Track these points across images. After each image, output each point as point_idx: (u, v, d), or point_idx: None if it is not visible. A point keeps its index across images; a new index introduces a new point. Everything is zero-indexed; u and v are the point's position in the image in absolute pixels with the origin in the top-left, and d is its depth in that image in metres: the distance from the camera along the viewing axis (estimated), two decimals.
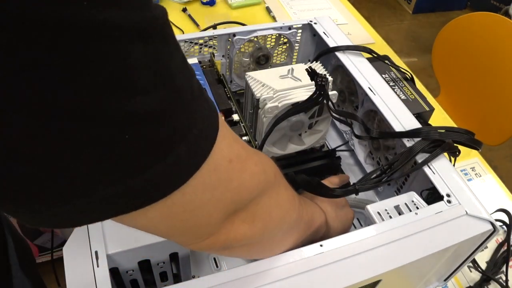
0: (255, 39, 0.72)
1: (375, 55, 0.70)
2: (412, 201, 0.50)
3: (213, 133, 0.26)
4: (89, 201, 0.22)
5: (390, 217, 0.48)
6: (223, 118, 0.34)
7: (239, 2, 1.14)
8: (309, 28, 0.75)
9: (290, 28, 0.73)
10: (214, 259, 0.59)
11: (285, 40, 0.75)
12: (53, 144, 0.19)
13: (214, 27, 1.04)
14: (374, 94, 0.61)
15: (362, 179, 0.55)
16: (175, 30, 1.03)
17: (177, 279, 0.50)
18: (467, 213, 0.48)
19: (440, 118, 0.90)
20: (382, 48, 1.07)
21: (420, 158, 0.53)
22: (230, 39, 0.70)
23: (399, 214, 0.49)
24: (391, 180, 0.55)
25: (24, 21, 0.16)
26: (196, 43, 0.69)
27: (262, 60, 0.75)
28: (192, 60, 0.67)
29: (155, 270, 0.46)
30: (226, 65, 0.74)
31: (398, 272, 0.44)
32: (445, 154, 0.54)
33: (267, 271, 0.40)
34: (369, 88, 0.62)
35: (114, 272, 0.43)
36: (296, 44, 0.76)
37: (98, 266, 0.39)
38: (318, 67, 0.63)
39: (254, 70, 0.73)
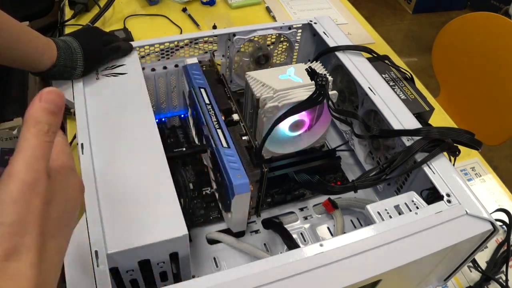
0: (255, 39, 0.72)
1: (375, 55, 0.70)
2: (412, 201, 0.50)
3: None
4: None
5: (390, 217, 0.48)
6: None
7: (239, 2, 1.14)
8: (309, 28, 0.75)
9: (290, 28, 0.73)
10: (214, 259, 0.59)
11: (285, 39, 0.75)
12: None
13: (214, 27, 1.04)
14: (374, 94, 0.61)
15: (361, 177, 0.55)
16: (175, 30, 1.03)
17: (177, 279, 0.50)
18: (467, 213, 0.48)
19: (440, 118, 0.90)
20: (382, 48, 1.07)
21: (419, 157, 0.53)
22: (230, 39, 0.70)
23: (399, 214, 0.49)
24: (390, 179, 0.55)
25: None
26: (196, 43, 0.69)
27: (262, 60, 0.75)
28: (192, 60, 0.67)
29: (155, 270, 0.46)
30: (226, 65, 0.74)
31: (398, 272, 0.44)
32: (445, 154, 0.54)
33: (267, 271, 0.41)
34: (369, 88, 0.62)
35: (114, 272, 0.43)
36: (296, 44, 0.76)
37: (98, 266, 0.39)
38: (318, 67, 0.63)
39: (254, 70, 0.73)
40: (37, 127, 0.26)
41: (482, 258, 0.66)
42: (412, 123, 0.57)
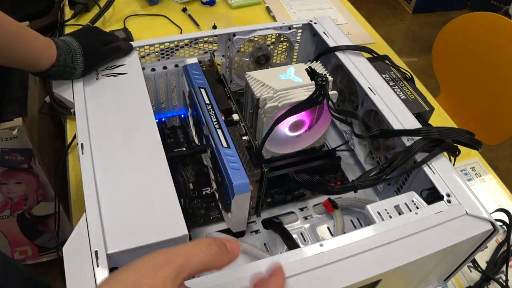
0: (255, 39, 0.72)
1: (375, 55, 0.70)
2: (412, 201, 0.50)
3: None
4: None
5: (390, 217, 0.48)
6: None
7: (239, 2, 1.14)
8: (309, 28, 0.75)
9: (290, 28, 0.73)
10: None
11: (285, 39, 0.75)
12: None
13: (214, 27, 1.04)
14: (374, 94, 0.61)
15: (361, 177, 0.55)
16: (175, 30, 1.03)
17: None
18: (467, 213, 0.48)
19: (440, 118, 0.90)
20: (382, 48, 1.07)
21: (419, 157, 0.53)
22: (230, 39, 0.70)
23: (399, 214, 0.49)
24: (390, 179, 0.55)
25: None
26: (196, 43, 0.69)
27: (262, 60, 0.75)
28: (192, 60, 0.67)
29: None
30: (226, 65, 0.74)
31: (398, 272, 0.44)
32: (445, 154, 0.54)
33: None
34: (369, 88, 0.62)
35: None
36: (296, 44, 0.76)
37: (98, 266, 0.39)
38: (318, 67, 0.63)
39: (254, 70, 0.73)
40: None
41: (482, 258, 0.66)
42: (412, 123, 0.57)
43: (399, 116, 0.58)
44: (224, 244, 0.31)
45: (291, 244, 0.59)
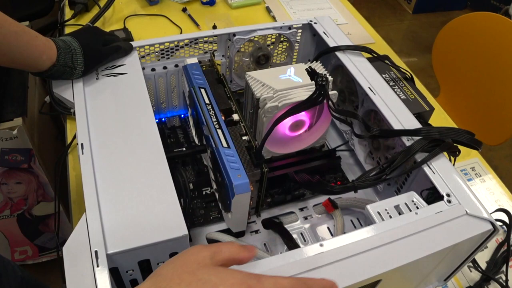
0: (255, 39, 0.72)
1: (375, 55, 0.70)
2: (412, 201, 0.50)
3: None
4: None
5: (390, 217, 0.48)
6: None
7: (239, 2, 1.14)
8: (309, 28, 0.75)
9: (290, 28, 0.73)
10: None
11: (285, 39, 0.75)
12: None
13: (214, 27, 1.04)
14: (374, 94, 0.61)
15: (361, 177, 0.55)
16: (175, 30, 1.03)
17: None
18: (467, 213, 0.48)
19: (440, 118, 0.90)
20: (382, 48, 1.07)
21: (419, 157, 0.53)
22: (230, 39, 0.70)
23: (399, 214, 0.49)
24: (390, 179, 0.55)
25: None
26: (196, 43, 0.69)
27: (262, 60, 0.75)
28: (192, 60, 0.67)
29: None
30: (226, 65, 0.74)
31: (398, 272, 0.44)
32: (445, 154, 0.54)
33: (267, 271, 0.41)
34: (369, 88, 0.62)
35: (114, 272, 0.43)
36: (296, 44, 0.76)
37: (98, 266, 0.39)
38: (318, 67, 0.63)
39: (254, 70, 0.73)
40: None
41: (482, 258, 0.66)
42: (412, 123, 0.57)
43: (399, 116, 0.58)
44: (242, 245, 0.38)
45: (291, 244, 0.59)
